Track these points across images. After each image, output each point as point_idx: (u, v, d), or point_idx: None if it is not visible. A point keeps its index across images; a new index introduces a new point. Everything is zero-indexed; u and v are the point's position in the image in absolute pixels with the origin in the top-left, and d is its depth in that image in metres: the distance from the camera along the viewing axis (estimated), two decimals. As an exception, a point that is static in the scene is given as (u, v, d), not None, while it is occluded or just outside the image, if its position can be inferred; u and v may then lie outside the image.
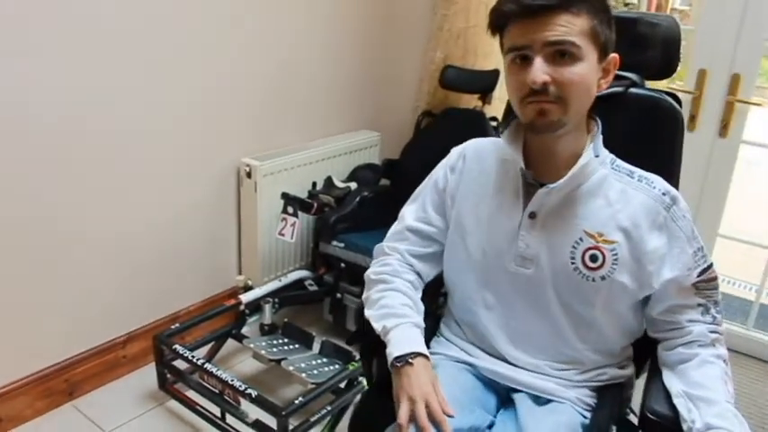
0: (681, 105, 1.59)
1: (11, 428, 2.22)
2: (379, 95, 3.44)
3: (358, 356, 2.28)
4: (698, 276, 1.34)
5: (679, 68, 1.62)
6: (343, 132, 3.27)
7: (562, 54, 1.23)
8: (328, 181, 2.95)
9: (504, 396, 1.48)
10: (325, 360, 2.39)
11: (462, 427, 1.30)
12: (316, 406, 2.12)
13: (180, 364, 2.34)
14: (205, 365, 2.21)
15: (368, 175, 3.09)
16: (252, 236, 2.83)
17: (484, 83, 2.93)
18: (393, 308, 1.43)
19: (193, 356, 2.26)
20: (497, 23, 1.30)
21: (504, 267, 1.41)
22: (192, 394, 2.32)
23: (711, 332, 1.35)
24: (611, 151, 1.41)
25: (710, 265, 1.36)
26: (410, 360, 1.31)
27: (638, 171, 1.38)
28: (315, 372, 2.27)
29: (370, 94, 3.40)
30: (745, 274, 3.77)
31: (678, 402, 1.28)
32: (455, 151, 1.56)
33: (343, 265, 2.77)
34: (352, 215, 2.84)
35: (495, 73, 2.90)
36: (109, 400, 2.43)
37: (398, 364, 1.32)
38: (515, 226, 1.39)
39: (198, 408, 2.28)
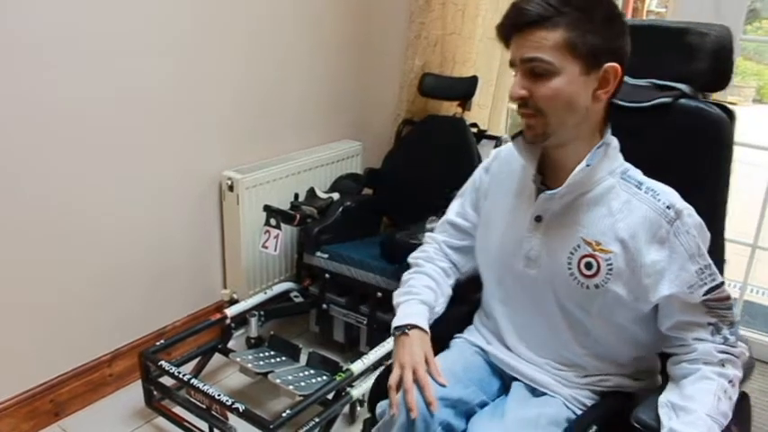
0: (733, 119, 1.52)
1: (-4, 451, 2.20)
2: (360, 105, 3.44)
3: (345, 367, 2.28)
4: (704, 295, 1.32)
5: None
6: (324, 143, 3.27)
7: (535, 70, 1.29)
8: (311, 192, 2.95)
9: (507, 384, 1.56)
10: (312, 372, 2.39)
11: (450, 397, 1.41)
12: (304, 418, 2.11)
13: (166, 381, 2.32)
14: (192, 381, 2.20)
15: (350, 184, 3.09)
16: (236, 249, 2.82)
17: (463, 90, 2.93)
18: (413, 287, 1.60)
19: (180, 372, 2.24)
20: (501, 38, 1.36)
21: (513, 267, 1.49)
22: (179, 410, 2.30)
23: (721, 352, 1.32)
24: (651, 162, 1.41)
25: (720, 284, 1.33)
26: (407, 331, 1.48)
27: (649, 183, 1.37)
28: (302, 384, 2.27)
29: (351, 104, 3.41)
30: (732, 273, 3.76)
31: (662, 412, 1.30)
32: (493, 152, 1.65)
33: (327, 275, 2.76)
34: (335, 225, 2.84)
35: (474, 80, 2.91)
36: (96, 419, 2.41)
37: (397, 334, 1.50)
38: (525, 228, 1.46)
39: (185, 424, 2.26)
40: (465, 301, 1.68)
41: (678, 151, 1.51)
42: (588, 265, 1.37)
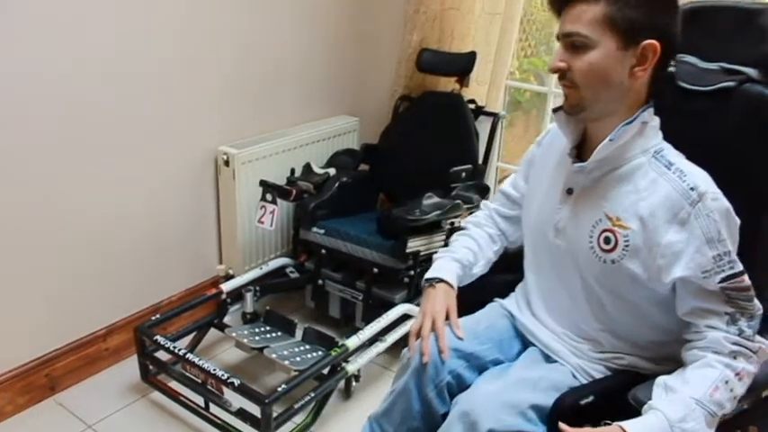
0: None
1: (-8, 425, 2.21)
2: (357, 80, 3.41)
3: (340, 342, 2.28)
4: (721, 282, 1.30)
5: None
6: (320, 118, 3.25)
7: (573, 44, 1.33)
8: (307, 167, 2.93)
9: (526, 349, 1.62)
10: (307, 347, 2.39)
11: (464, 350, 1.51)
12: (299, 393, 2.12)
13: (162, 355, 2.33)
14: (187, 356, 2.20)
15: (346, 160, 3.07)
16: (231, 224, 2.81)
17: (461, 65, 2.91)
18: (453, 246, 1.72)
19: (175, 347, 2.25)
20: (553, 11, 1.39)
21: (545, 236, 1.54)
22: (175, 385, 2.31)
23: (733, 344, 1.30)
24: (710, 147, 1.39)
25: (738, 273, 1.30)
26: (434, 284, 1.60)
27: (681, 164, 1.35)
28: (297, 359, 2.27)
29: (348, 80, 3.38)
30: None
31: (655, 391, 1.30)
32: (548, 127, 1.68)
33: (323, 251, 2.76)
34: (331, 201, 2.83)
35: (472, 55, 2.89)
36: (91, 393, 2.42)
37: (425, 286, 1.62)
38: (557, 199, 1.51)
39: (181, 398, 2.27)
40: (510, 270, 1.73)
41: (737, 137, 1.46)
42: (606, 240, 1.39)
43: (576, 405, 1.39)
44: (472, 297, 1.66)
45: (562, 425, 1.30)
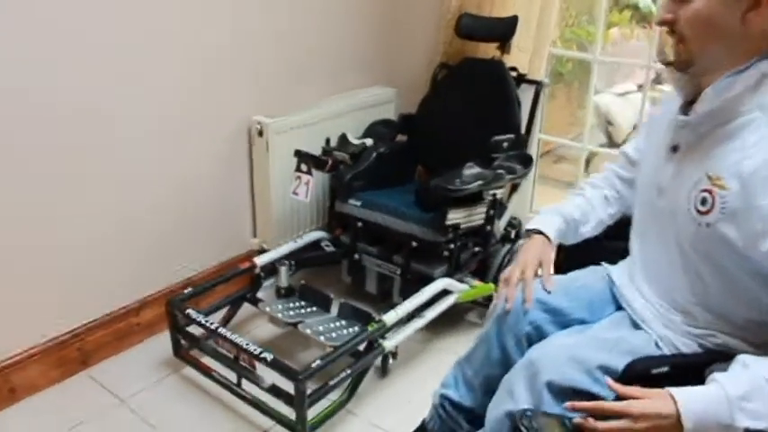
0: None
1: (25, 397, 2.18)
2: (393, 49, 3.32)
3: (377, 318, 2.21)
4: None
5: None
6: (356, 88, 3.16)
7: None
8: (342, 138, 2.84)
9: None
10: (343, 322, 2.33)
11: (549, 303, 1.52)
12: (334, 369, 2.05)
13: (195, 330, 2.28)
14: (219, 330, 2.15)
15: (383, 131, 2.97)
16: (265, 197, 2.75)
17: (502, 30, 2.78)
18: (562, 204, 1.72)
19: (207, 321, 2.19)
20: None
21: (650, 197, 1.47)
22: (207, 360, 2.26)
23: None
24: None
25: None
26: (531, 234, 1.65)
27: None
28: (333, 334, 2.21)
29: (384, 49, 3.28)
30: None
31: (731, 367, 1.19)
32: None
33: (360, 224, 2.67)
34: (368, 172, 2.74)
35: (514, 20, 2.76)
36: (123, 367, 2.38)
37: (524, 236, 1.69)
38: (663, 157, 1.43)
39: (213, 374, 2.22)
40: (626, 237, 1.64)
41: None
42: (703, 201, 1.28)
43: (647, 373, 1.31)
44: (582, 258, 1.68)
45: (608, 380, 1.26)
